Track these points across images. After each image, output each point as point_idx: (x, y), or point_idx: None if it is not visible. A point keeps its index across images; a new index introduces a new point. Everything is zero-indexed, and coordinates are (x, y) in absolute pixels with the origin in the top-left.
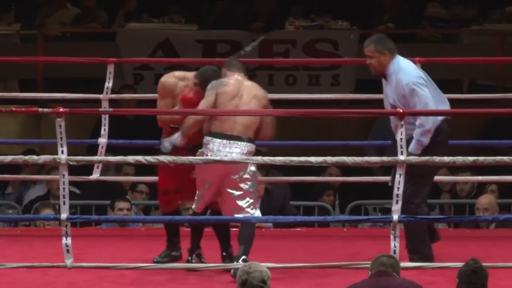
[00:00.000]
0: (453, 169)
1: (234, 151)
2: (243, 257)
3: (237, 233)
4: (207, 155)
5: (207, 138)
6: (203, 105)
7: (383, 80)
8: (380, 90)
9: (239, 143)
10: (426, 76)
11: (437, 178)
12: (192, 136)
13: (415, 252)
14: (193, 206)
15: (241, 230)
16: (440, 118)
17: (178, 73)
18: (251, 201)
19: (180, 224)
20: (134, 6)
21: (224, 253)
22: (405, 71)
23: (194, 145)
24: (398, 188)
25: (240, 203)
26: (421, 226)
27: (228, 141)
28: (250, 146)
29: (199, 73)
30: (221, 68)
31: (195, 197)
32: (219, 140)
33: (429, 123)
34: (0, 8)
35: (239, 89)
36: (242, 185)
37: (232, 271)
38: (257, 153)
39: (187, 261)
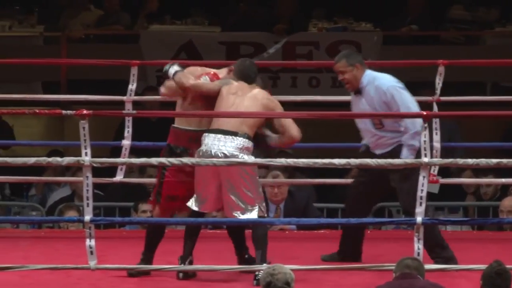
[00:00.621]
0: (477, 171)
1: (229, 145)
2: (264, 264)
3: (251, 235)
4: (200, 150)
5: (204, 134)
6: (208, 85)
7: (354, 97)
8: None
9: (235, 138)
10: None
11: (461, 180)
12: None
13: (437, 256)
14: (193, 206)
15: (254, 232)
16: None
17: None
18: (251, 196)
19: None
20: (155, 7)
21: (246, 256)
22: (382, 77)
23: (176, 145)
24: (422, 190)
25: (240, 200)
26: (437, 231)
27: (223, 136)
28: (247, 142)
29: (238, 62)
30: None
31: (195, 197)
32: (213, 135)
33: (417, 125)
34: (23, 10)
35: (245, 90)
36: (242, 179)
37: (254, 282)
38: (281, 155)
39: None
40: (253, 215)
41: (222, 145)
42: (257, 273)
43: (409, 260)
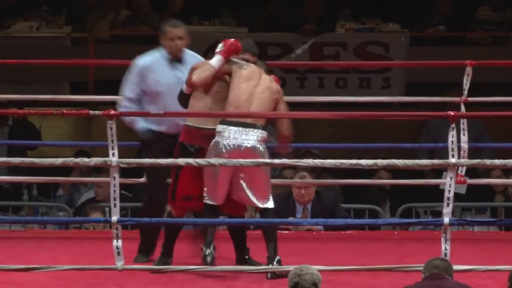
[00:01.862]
0: (506, 171)
1: (251, 138)
2: (277, 258)
3: (262, 229)
4: (220, 142)
5: (222, 127)
6: (208, 69)
7: (169, 65)
8: (431, 93)
9: (254, 130)
10: None
11: (488, 181)
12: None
13: None
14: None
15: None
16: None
17: None
18: (265, 189)
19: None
20: (179, 6)
21: (246, 256)
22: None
23: (190, 144)
24: (449, 190)
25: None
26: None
27: (243, 129)
28: (264, 134)
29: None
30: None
31: (205, 190)
32: (235, 128)
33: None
34: (51, 11)
35: (256, 77)
36: (256, 172)
37: (268, 274)
38: (308, 155)
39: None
40: (270, 204)
41: (245, 138)
42: (270, 265)
43: (438, 260)
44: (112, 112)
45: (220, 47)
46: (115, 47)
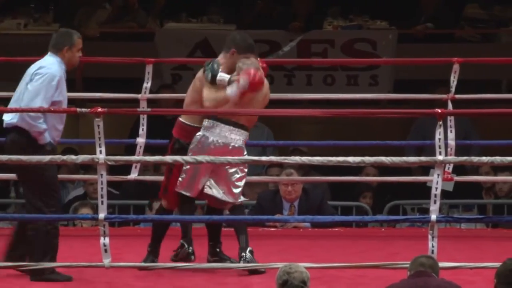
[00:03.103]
0: (495, 168)
1: (239, 138)
2: (249, 248)
3: (231, 223)
4: (209, 137)
5: (211, 122)
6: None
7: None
8: (418, 90)
9: (242, 131)
10: None
11: (475, 178)
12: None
13: None
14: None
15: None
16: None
17: None
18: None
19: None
20: (163, 2)
21: (218, 249)
22: None
23: (184, 141)
24: (437, 188)
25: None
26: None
27: (234, 128)
28: (247, 136)
29: (235, 37)
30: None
31: (180, 181)
32: (227, 126)
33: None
34: (39, 8)
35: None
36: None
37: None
38: (296, 153)
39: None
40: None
41: (233, 137)
42: (243, 254)
43: (423, 258)
44: (100, 109)
45: (244, 83)
46: (102, 45)
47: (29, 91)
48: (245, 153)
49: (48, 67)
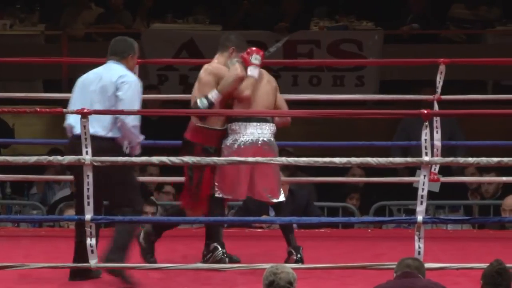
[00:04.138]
0: (480, 169)
1: (267, 132)
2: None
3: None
4: (238, 140)
5: (237, 124)
6: (239, 73)
7: None
8: (404, 91)
9: (268, 124)
10: None
11: (461, 179)
12: (207, 133)
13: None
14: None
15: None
16: None
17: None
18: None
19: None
20: (150, 2)
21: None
22: None
23: (210, 146)
24: (423, 189)
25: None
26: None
27: (260, 123)
28: (274, 126)
29: (230, 37)
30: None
31: (220, 186)
32: (254, 123)
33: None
34: (24, 9)
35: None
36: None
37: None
38: (282, 153)
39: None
40: (282, 197)
41: (260, 132)
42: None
43: (409, 260)
44: (86, 110)
45: (257, 59)
46: (88, 45)
47: (124, 100)
48: (275, 143)
49: (129, 75)
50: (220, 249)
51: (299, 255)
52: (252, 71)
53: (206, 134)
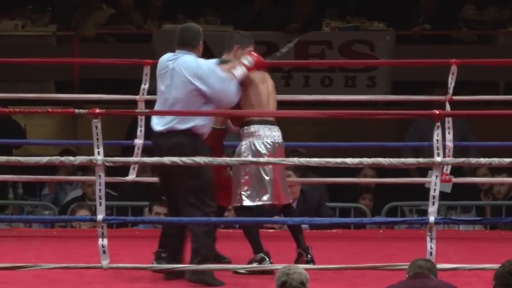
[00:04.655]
0: (492, 170)
1: (278, 134)
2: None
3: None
4: (257, 142)
5: (255, 127)
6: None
7: None
8: (416, 92)
9: (277, 127)
10: None
11: (473, 179)
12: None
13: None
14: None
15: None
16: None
17: None
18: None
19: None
20: (160, 2)
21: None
22: None
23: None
24: (435, 189)
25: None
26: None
27: (273, 126)
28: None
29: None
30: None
31: (252, 193)
32: (268, 126)
33: None
34: (36, 9)
35: (267, 77)
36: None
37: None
38: (294, 154)
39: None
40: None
41: (275, 134)
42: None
43: (422, 261)
44: (98, 110)
45: (248, 60)
46: (100, 46)
47: (218, 91)
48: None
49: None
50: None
51: (309, 256)
52: (237, 70)
53: (212, 136)
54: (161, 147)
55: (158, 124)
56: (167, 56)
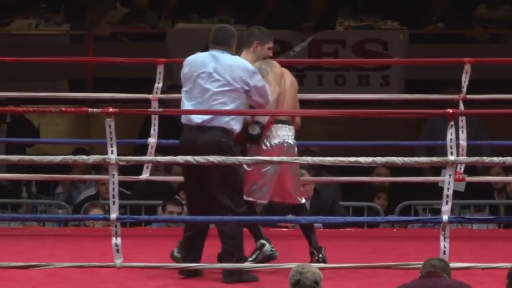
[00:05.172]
0: (506, 169)
1: (290, 134)
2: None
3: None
4: (269, 142)
5: (279, 125)
6: (277, 86)
7: None
8: (430, 91)
9: (290, 126)
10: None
11: (486, 178)
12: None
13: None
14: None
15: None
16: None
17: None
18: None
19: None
20: (174, 1)
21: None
22: None
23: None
24: (448, 188)
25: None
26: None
27: (287, 126)
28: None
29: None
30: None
31: (250, 190)
32: (286, 126)
33: None
34: (49, 9)
35: (282, 70)
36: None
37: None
38: (307, 153)
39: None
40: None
41: (285, 134)
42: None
43: (435, 260)
44: (111, 109)
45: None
46: (113, 45)
47: (253, 85)
48: (296, 148)
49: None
50: (267, 244)
51: (321, 255)
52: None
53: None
54: (194, 141)
55: (198, 121)
56: (202, 55)
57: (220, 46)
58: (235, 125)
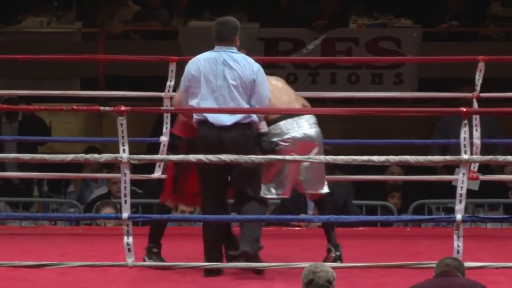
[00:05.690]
0: None
1: (307, 124)
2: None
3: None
4: (300, 133)
5: (289, 120)
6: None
7: None
8: (443, 89)
9: (303, 116)
10: None
11: (500, 177)
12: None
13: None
14: (267, 194)
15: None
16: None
17: None
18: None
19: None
20: (185, 1)
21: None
22: None
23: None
24: (462, 187)
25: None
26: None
27: (297, 118)
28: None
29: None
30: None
31: (269, 184)
32: (304, 118)
33: None
34: (61, 7)
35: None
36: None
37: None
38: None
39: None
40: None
41: (301, 127)
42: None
43: (449, 259)
44: (123, 108)
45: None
46: (125, 43)
47: (260, 84)
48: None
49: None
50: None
51: (337, 253)
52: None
53: (194, 129)
54: (221, 140)
55: (224, 119)
56: (212, 54)
57: (224, 42)
58: (256, 122)
